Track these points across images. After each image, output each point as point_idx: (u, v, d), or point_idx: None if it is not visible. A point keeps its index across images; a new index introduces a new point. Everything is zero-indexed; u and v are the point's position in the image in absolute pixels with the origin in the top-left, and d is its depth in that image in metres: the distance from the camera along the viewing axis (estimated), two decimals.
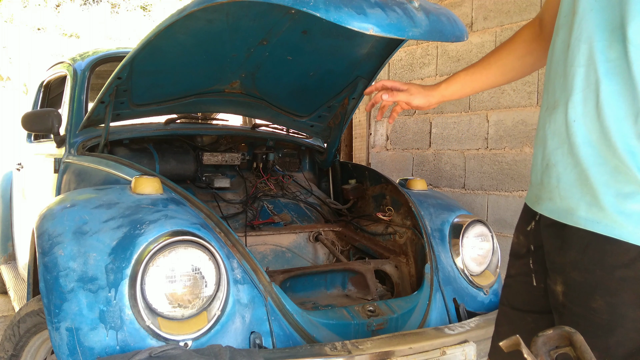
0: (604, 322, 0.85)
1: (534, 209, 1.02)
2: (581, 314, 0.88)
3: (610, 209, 0.84)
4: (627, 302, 0.83)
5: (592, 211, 0.86)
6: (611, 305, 0.84)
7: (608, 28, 0.84)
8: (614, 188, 0.84)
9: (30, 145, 3.33)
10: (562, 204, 0.92)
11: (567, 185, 0.91)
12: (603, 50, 0.85)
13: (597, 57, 0.86)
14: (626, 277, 0.83)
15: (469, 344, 1.60)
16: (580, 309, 0.88)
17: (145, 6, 12.99)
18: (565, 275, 0.91)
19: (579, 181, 0.89)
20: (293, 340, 1.54)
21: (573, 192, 0.90)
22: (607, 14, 0.85)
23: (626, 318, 0.83)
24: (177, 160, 2.51)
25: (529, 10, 3.22)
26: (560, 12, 0.97)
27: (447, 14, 1.34)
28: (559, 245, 0.93)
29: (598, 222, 0.86)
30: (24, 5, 11.03)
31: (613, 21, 0.84)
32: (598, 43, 0.86)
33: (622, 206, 0.83)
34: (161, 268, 1.41)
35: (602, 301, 0.85)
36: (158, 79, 2.25)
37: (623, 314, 0.83)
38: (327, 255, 2.39)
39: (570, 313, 0.91)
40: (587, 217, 0.87)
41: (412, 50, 4.09)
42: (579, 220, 0.88)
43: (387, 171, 4.22)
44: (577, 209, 0.89)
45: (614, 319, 0.84)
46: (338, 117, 2.66)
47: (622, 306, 0.83)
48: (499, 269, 2.14)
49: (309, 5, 1.19)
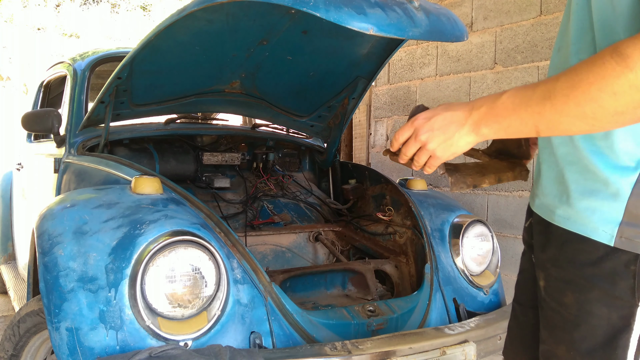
0: (572, 317, 0.88)
1: (530, 204, 1.06)
2: (555, 308, 0.92)
3: (578, 205, 0.87)
4: (593, 300, 0.85)
5: (564, 209, 0.90)
6: (579, 302, 0.87)
7: (582, 31, 0.87)
8: (582, 185, 0.87)
9: (30, 145, 3.33)
10: (545, 200, 0.96)
11: (548, 183, 0.95)
12: (576, 52, 0.88)
13: (571, 59, 0.88)
14: (594, 275, 0.85)
15: (469, 344, 1.60)
16: (554, 304, 0.92)
17: (145, 6, 12.98)
18: (546, 271, 0.95)
19: (556, 180, 0.92)
20: (293, 340, 1.54)
21: (552, 190, 0.93)
22: (581, 18, 0.87)
23: (591, 314, 0.86)
24: (177, 160, 2.51)
25: (529, 10, 3.22)
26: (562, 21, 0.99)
27: (447, 14, 1.34)
28: (543, 242, 0.96)
29: (568, 219, 0.89)
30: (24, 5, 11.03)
31: (584, 25, 0.86)
32: (572, 46, 0.88)
33: (587, 203, 0.86)
34: (161, 268, 1.41)
35: (572, 297, 0.88)
36: (158, 79, 2.25)
37: (589, 310, 0.86)
38: (327, 255, 2.39)
39: (547, 307, 0.94)
40: (561, 215, 0.90)
41: (412, 50, 4.09)
42: (555, 217, 0.92)
43: (387, 171, 4.22)
44: (555, 207, 0.92)
45: (581, 315, 0.87)
46: (338, 117, 2.66)
47: (589, 303, 0.86)
48: (499, 269, 2.14)
49: (309, 5, 1.19)
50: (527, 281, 1.10)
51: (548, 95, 0.76)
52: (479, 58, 3.53)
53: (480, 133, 0.86)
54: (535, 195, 1.00)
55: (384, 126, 4.37)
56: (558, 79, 0.76)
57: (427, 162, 0.95)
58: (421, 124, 0.93)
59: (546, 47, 3.13)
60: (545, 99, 0.76)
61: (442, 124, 0.90)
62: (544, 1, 3.14)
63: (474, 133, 0.87)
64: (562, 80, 0.75)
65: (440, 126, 0.90)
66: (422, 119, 0.93)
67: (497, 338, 1.75)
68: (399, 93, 4.22)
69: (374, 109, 4.49)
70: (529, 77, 3.21)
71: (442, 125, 0.90)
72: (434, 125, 0.91)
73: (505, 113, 0.82)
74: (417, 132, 0.93)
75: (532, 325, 1.06)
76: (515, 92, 0.82)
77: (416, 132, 0.93)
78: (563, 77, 0.75)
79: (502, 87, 3.38)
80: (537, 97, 0.78)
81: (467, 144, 0.90)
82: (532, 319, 1.06)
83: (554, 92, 0.75)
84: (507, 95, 0.82)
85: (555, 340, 0.92)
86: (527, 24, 3.23)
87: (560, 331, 0.90)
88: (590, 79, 0.71)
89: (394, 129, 4.25)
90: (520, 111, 0.80)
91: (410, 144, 0.95)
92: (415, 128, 0.94)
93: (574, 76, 0.74)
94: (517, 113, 0.80)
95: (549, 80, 0.78)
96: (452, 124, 0.89)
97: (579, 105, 0.73)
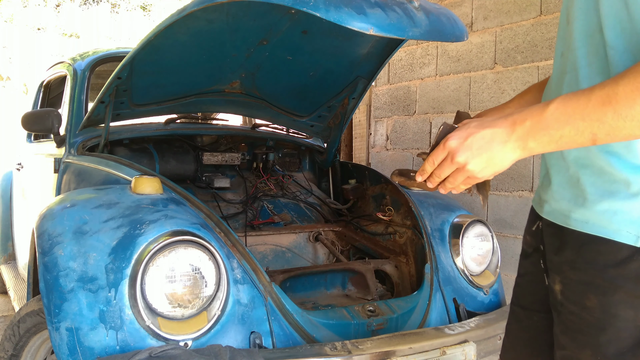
0: (596, 321, 0.86)
1: (537, 210, 1.04)
2: (576, 312, 0.90)
3: (597, 208, 0.86)
4: (618, 301, 0.84)
5: (581, 212, 0.88)
6: (603, 304, 0.85)
7: (588, 34, 0.86)
8: (601, 188, 0.85)
9: (30, 145, 3.33)
10: (557, 206, 0.94)
11: (560, 188, 0.93)
12: (584, 55, 0.87)
13: (579, 62, 0.87)
14: (618, 276, 0.83)
15: (469, 344, 1.60)
16: (575, 307, 0.90)
17: (145, 6, 12.99)
18: (563, 274, 0.93)
19: (569, 184, 0.91)
20: (293, 340, 1.54)
21: (565, 194, 0.92)
22: (587, 21, 0.86)
23: (617, 317, 0.84)
24: (177, 160, 2.51)
25: (529, 10, 3.22)
26: (560, 25, 0.99)
27: (447, 14, 1.34)
28: (557, 245, 0.94)
29: (587, 222, 0.87)
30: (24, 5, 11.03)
31: (590, 28, 0.85)
32: (581, 49, 0.87)
33: (607, 205, 0.84)
34: (161, 268, 1.41)
35: (595, 300, 0.86)
36: (158, 79, 2.25)
37: (614, 313, 0.84)
38: (327, 255, 2.39)
39: (566, 311, 0.92)
40: (577, 219, 0.89)
41: (412, 50, 4.09)
42: (571, 222, 0.90)
43: (387, 171, 4.22)
44: (569, 211, 0.90)
45: (606, 318, 0.85)
46: (338, 117, 2.66)
47: (614, 305, 0.84)
48: (499, 269, 2.14)
49: (309, 5, 1.19)
50: (531, 284, 1.08)
51: (608, 100, 0.73)
52: (479, 58, 3.53)
53: (527, 148, 0.82)
54: (545, 201, 0.98)
55: (384, 126, 4.37)
56: (618, 83, 0.73)
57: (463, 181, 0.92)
58: (457, 145, 0.88)
59: (546, 47, 3.13)
60: (605, 105, 0.73)
61: (481, 143, 0.85)
62: (544, 1, 3.14)
63: (519, 149, 0.83)
64: (623, 83, 0.72)
65: (480, 145, 0.86)
66: (455, 139, 0.88)
67: (497, 338, 1.75)
68: (399, 93, 4.22)
69: (374, 109, 4.49)
70: (529, 77, 3.21)
71: (482, 144, 0.85)
72: (472, 145, 0.86)
73: (556, 125, 0.78)
74: (453, 154, 0.88)
75: (539, 330, 1.05)
76: (565, 101, 0.78)
77: (452, 154, 0.88)
78: (624, 81, 0.72)
79: (502, 87, 3.38)
80: (594, 104, 0.74)
81: (512, 160, 0.86)
82: (538, 322, 1.05)
83: (615, 97, 0.72)
84: (556, 106, 0.78)
85: (578, 345, 0.89)
86: (527, 24, 3.23)
87: (584, 335, 0.88)
88: None
89: (394, 129, 4.25)
90: (576, 120, 0.76)
91: (444, 166, 0.90)
92: (449, 150, 0.89)
93: (639, 77, 0.71)
94: (571, 123, 0.76)
95: (604, 85, 0.75)
96: (493, 141, 0.85)
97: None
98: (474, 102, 3.59)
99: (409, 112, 4.11)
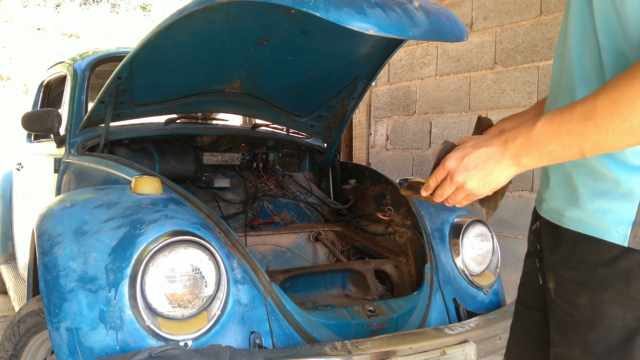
0: (585, 319, 0.87)
1: (537, 209, 1.05)
2: (567, 310, 0.91)
3: (588, 207, 0.87)
4: (607, 300, 0.85)
5: (574, 211, 0.89)
6: (593, 303, 0.86)
7: (584, 35, 0.87)
8: (592, 187, 0.86)
9: (30, 145, 3.33)
10: (553, 204, 0.95)
11: (556, 187, 0.95)
12: (580, 56, 0.87)
13: (575, 63, 0.88)
14: (608, 275, 0.84)
15: (469, 344, 1.60)
16: (567, 305, 0.91)
17: (145, 6, 12.99)
18: (557, 272, 0.94)
19: (564, 183, 0.92)
20: (293, 340, 1.54)
21: (560, 193, 0.93)
22: (583, 23, 0.87)
23: (606, 316, 0.85)
24: (177, 160, 2.51)
25: (529, 10, 3.22)
26: (561, 25, 1.00)
27: (447, 14, 1.34)
28: (553, 244, 0.96)
29: (579, 222, 0.88)
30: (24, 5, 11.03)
31: (585, 30, 0.86)
32: (576, 50, 0.88)
33: (598, 204, 0.85)
34: (161, 268, 1.41)
35: (585, 298, 0.87)
36: (158, 79, 2.25)
37: (603, 311, 0.85)
38: (327, 255, 2.39)
39: (558, 309, 0.93)
40: (571, 217, 0.90)
41: (412, 50, 4.09)
42: (565, 220, 0.91)
43: (387, 171, 4.22)
44: (564, 210, 0.92)
45: (595, 316, 0.86)
46: (338, 117, 2.66)
47: (603, 304, 0.85)
48: (499, 269, 2.14)
49: (309, 5, 1.19)
50: (532, 283, 1.09)
51: (589, 115, 0.75)
52: (479, 58, 3.54)
53: (521, 164, 0.85)
54: (543, 199, 1.00)
55: (384, 126, 4.37)
56: (596, 98, 0.75)
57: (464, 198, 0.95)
58: (455, 165, 0.92)
59: (546, 47, 3.13)
60: (586, 119, 0.75)
61: (477, 162, 0.89)
62: (544, 1, 3.14)
63: (514, 166, 0.86)
64: (601, 97, 0.74)
65: (476, 164, 0.89)
66: (453, 159, 0.92)
67: (497, 338, 1.75)
68: (399, 93, 4.22)
69: (374, 109, 4.49)
70: (529, 77, 3.21)
71: (477, 163, 0.89)
72: (469, 165, 0.90)
73: (545, 141, 0.80)
74: (452, 174, 0.93)
75: (538, 328, 1.06)
76: (551, 117, 0.80)
77: (451, 175, 0.93)
78: (601, 95, 0.74)
79: (502, 87, 3.38)
80: (576, 119, 0.76)
81: (507, 177, 0.89)
82: (539, 321, 1.06)
83: (594, 111, 0.74)
84: (543, 122, 0.81)
85: (568, 343, 0.90)
86: (527, 24, 3.23)
87: (574, 333, 0.89)
88: (634, 93, 0.71)
89: (394, 129, 4.25)
90: (562, 136, 0.78)
91: (445, 185, 0.95)
92: (448, 171, 0.93)
93: (614, 92, 0.72)
94: (558, 138, 0.79)
95: (584, 100, 0.76)
96: (488, 160, 0.88)
97: (625, 120, 0.72)
98: (474, 102, 3.59)
99: (409, 112, 4.11)
